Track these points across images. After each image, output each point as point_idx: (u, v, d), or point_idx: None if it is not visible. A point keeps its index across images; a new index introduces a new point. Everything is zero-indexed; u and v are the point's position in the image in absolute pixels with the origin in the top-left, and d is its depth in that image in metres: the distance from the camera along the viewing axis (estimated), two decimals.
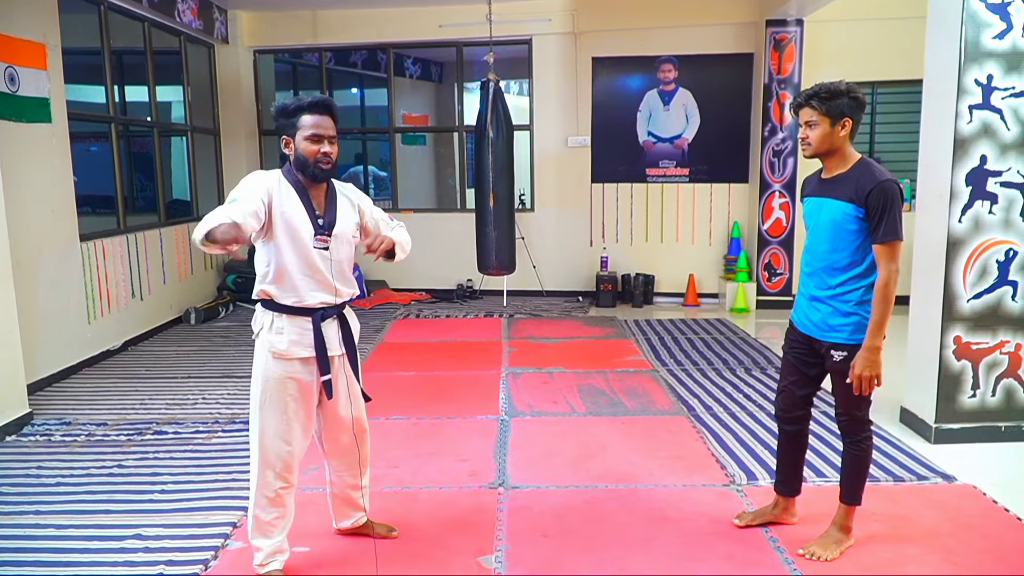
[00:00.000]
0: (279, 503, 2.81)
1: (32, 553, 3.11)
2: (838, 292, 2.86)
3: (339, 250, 2.78)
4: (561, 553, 3.06)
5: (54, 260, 5.60)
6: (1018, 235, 4.07)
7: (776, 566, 2.96)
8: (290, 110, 2.71)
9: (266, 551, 2.84)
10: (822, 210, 2.88)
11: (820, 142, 2.83)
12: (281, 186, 2.72)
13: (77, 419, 4.73)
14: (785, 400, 3.15)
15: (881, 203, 2.72)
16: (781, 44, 7.76)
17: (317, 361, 2.74)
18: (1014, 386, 4.18)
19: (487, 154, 7.58)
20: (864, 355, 2.77)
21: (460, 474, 3.83)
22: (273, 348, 2.71)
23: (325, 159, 2.69)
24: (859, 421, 2.95)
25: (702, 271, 8.57)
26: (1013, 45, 3.96)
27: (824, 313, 2.91)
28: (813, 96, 2.81)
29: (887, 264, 2.76)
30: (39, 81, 5.41)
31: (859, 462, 3.00)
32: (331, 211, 2.78)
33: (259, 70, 9.08)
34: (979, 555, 3.03)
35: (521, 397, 5.05)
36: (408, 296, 8.67)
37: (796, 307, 3.10)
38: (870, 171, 2.79)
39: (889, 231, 2.73)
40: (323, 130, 2.69)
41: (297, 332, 2.72)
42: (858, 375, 2.77)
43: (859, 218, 2.77)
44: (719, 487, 3.67)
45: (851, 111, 2.79)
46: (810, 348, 3.01)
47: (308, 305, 2.72)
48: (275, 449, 2.76)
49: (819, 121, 2.80)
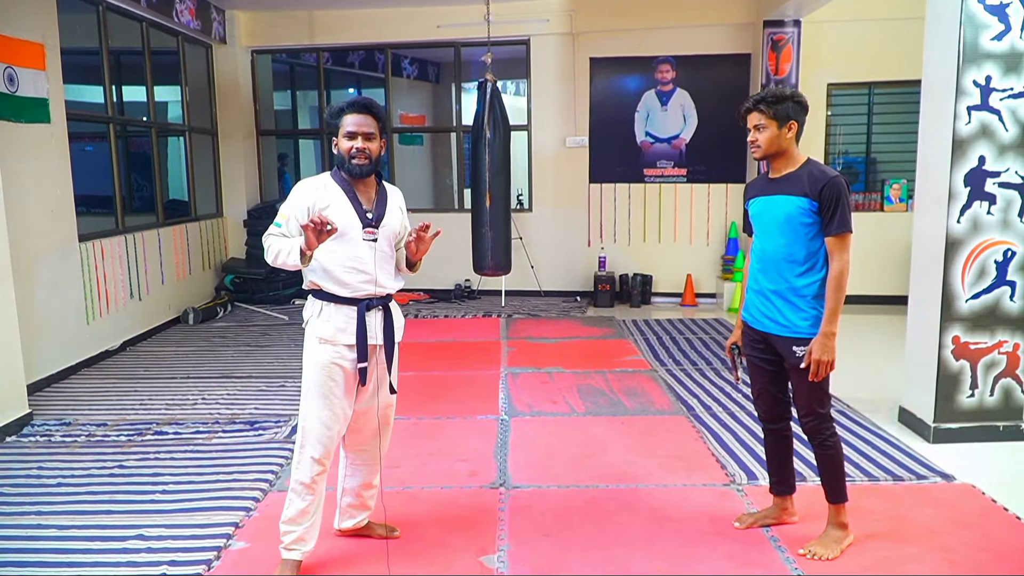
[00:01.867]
0: (313, 489, 2.87)
1: (35, 554, 3.11)
2: (795, 286, 2.94)
3: (384, 243, 2.91)
4: (563, 553, 3.07)
5: (53, 260, 5.59)
6: (1016, 235, 4.09)
7: (777, 565, 2.97)
8: (335, 112, 2.86)
9: (294, 536, 2.88)
10: (774, 207, 2.98)
11: (769, 144, 2.97)
12: (328, 188, 2.85)
13: (77, 419, 4.73)
14: (765, 402, 3.19)
15: (834, 197, 2.85)
16: (778, 45, 7.77)
17: (357, 348, 2.84)
18: (1012, 386, 4.20)
19: (484, 154, 7.58)
20: (820, 340, 2.87)
21: (461, 474, 3.84)
22: (320, 334, 2.83)
23: (359, 154, 2.81)
24: (823, 419, 3.01)
25: (700, 271, 8.59)
26: (1011, 46, 3.98)
27: (780, 307, 2.98)
28: (760, 101, 2.96)
29: (840, 255, 2.87)
30: (38, 81, 5.41)
31: (832, 461, 3.04)
32: (380, 206, 2.91)
33: (257, 70, 9.08)
34: (978, 554, 3.04)
35: (520, 397, 5.06)
36: (406, 296, 8.68)
37: (747, 306, 3.16)
38: (820, 168, 2.94)
39: (841, 223, 2.86)
40: (359, 127, 2.82)
41: (343, 320, 2.84)
42: (816, 359, 2.86)
43: (813, 211, 2.89)
44: (719, 487, 3.68)
45: (796, 114, 2.94)
46: (768, 345, 3.07)
47: (354, 296, 2.84)
48: (316, 432, 2.84)
49: (767, 124, 2.95)
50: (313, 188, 2.84)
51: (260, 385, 5.38)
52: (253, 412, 4.81)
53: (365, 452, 3.05)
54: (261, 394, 5.15)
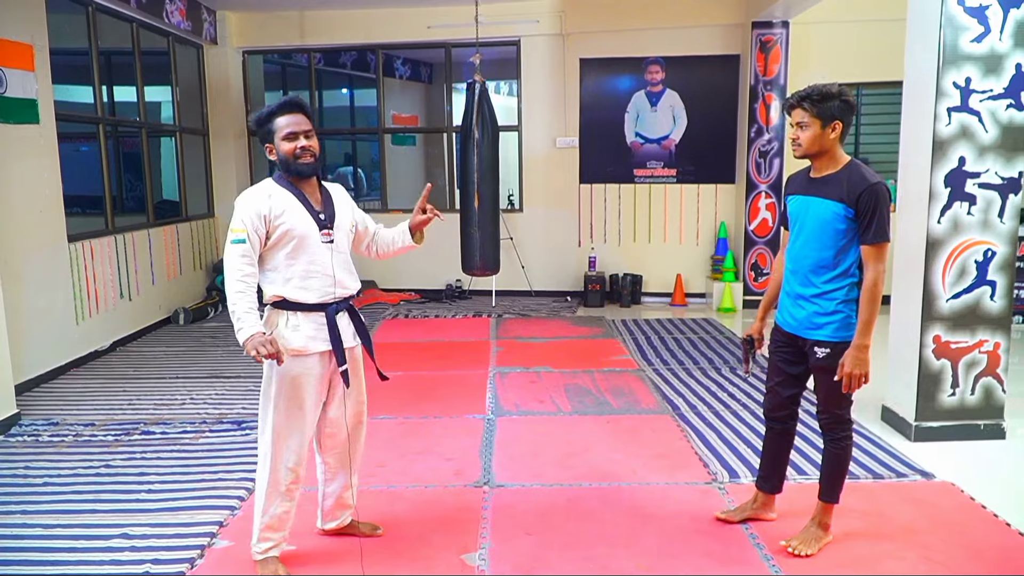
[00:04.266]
0: (291, 496, 2.90)
1: (19, 552, 3.13)
2: (824, 291, 2.91)
3: (341, 242, 2.88)
4: (544, 551, 3.10)
5: (42, 260, 5.60)
6: (996, 236, 4.13)
7: (755, 563, 3.00)
8: (263, 117, 2.79)
9: (270, 543, 2.90)
10: (809, 209, 2.92)
11: (810, 143, 2.87)
12: (276, 195, 2.77)
13: (65, 419, 4.74)
14: (772, 400, 3.20)
15: (872, 205, 2.76)
16: (767, 46, 7.82)
17: (335, 353, 2.82)
18: (993, 384, 4.24)
19: (472, 155, 7.59)
20: (853, 353, 2.82)
21: (445, 473, 3.87)
22: (290, 345, 2.77)
23: (303, 153, 2.76)
24: (840, 420, 3.00)
25: (689, 271, 8.62)
26: (991, 48, 4.02)
27: (809, 311, 2.95)
28: (805, 98, 2.85)
29: (875, 264, 2.80)
30: (26, 82, 5.42)
31: (839, 461, 3.04)
32: (329, 206, 2.88)
33: (248, 71, 9.08)
34: (956, 551, 3.08)
35: (508, 396, 5.09)
36: (397, 296, 8.70)
37: (780, 307, 3.13)
38: (860, 173, 2.82)
39: (878, 233, 2.77)
40: (298, 127, 2.77)
41: (313, 328, 2.81)
42: (848, 372, 2.82)
43: (848, 218, 2.81)
44: (701, 485, 3.71)
45: (842, 114, 2.83)
46: (795, 347, 3.05)
47: (321, 301, 2.81)
48: (291, 444, 2.84)
49: (810, 123, 2.84)
50: (262, 196, 2.74)
51: (248, 385, 5.39)
52: (240, 412, 4.82)
53: (342, 454, 3.05)
54: (249, 394, 5.17)
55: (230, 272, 2.69)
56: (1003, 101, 4.04)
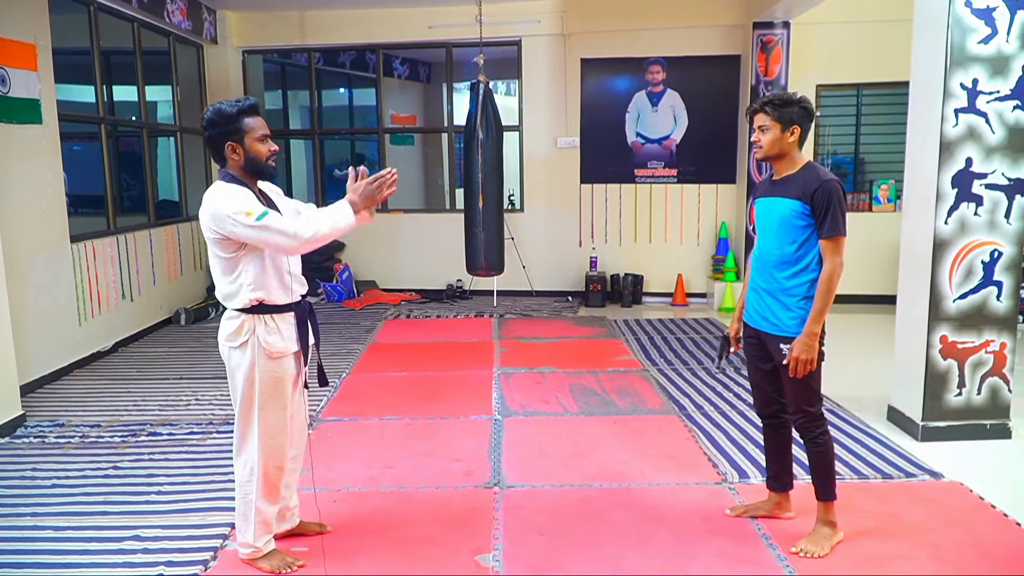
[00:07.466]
0: (280, 492, 2.97)
1: (31, 555, 3.12)
2: (785, 287, 3.01)
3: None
4: (557, 551, 3.10)
5: (45, 261, 5.58)
6: (1003, 236, 4.15)
7: (769, 562, 3.01)
8: (232, 115, 2.73)
9: (267, 538, 2.97)
10: (772, 208, 3.06)
11: (770, 146, 3.03)
12: (249, 195, 2.76)
13: (70, 421, 4.73)
14: (758, 397, 3.28)
15: (825, 201, 2.89)
16: (768, 46, 7.83)
17: (302, 352, 2.91)
18: (999, 384, 4.26)
19: (476, 155, 7.60)
20: (803, 339, 2.93)
21: (455, 474, 3.87)
22: (272, 348, 2.80)
23: (273, 155, 2.82)
24: (813, 417, 3.06)
25: (690, 271, 8.64)
26: (998, 50, 4.03)
27: (771, 306, 3.05)
28: (767, 103, 3.02)
29: (831, 257, 2.92)
30: (29, 82, 5.40)
31: (823, 459, 3.09)
32: (272, 205, 2.89)
33: (248, 70, 9.06)
34: (965, 550, 3.09)
35: (513, 397, 5.09)
36: (398, 296, 8.69)
37: (747, 305, 3.23)
38: (816, 172, 2.98)
39: (833, 227, 2.90)
40: (265, 129, 2.81)
41: (289, 328, 2.86)
42: (795, 357, 2.93)
43: (805, 214, 2.94)
44: (711, 485, 3.72)
45: (800, 119, 2.99)
46: (761, 343, 3.14)
47: (291, 300, 2.87)
48: (277, 444, 2.89)
49: (771, 126, 3.00)
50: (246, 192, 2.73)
51: None
52: None
53: (297, 455, 3.08)
54: None
55: (274, 227, 2.63)
56: (1010, 102, 4.05)
